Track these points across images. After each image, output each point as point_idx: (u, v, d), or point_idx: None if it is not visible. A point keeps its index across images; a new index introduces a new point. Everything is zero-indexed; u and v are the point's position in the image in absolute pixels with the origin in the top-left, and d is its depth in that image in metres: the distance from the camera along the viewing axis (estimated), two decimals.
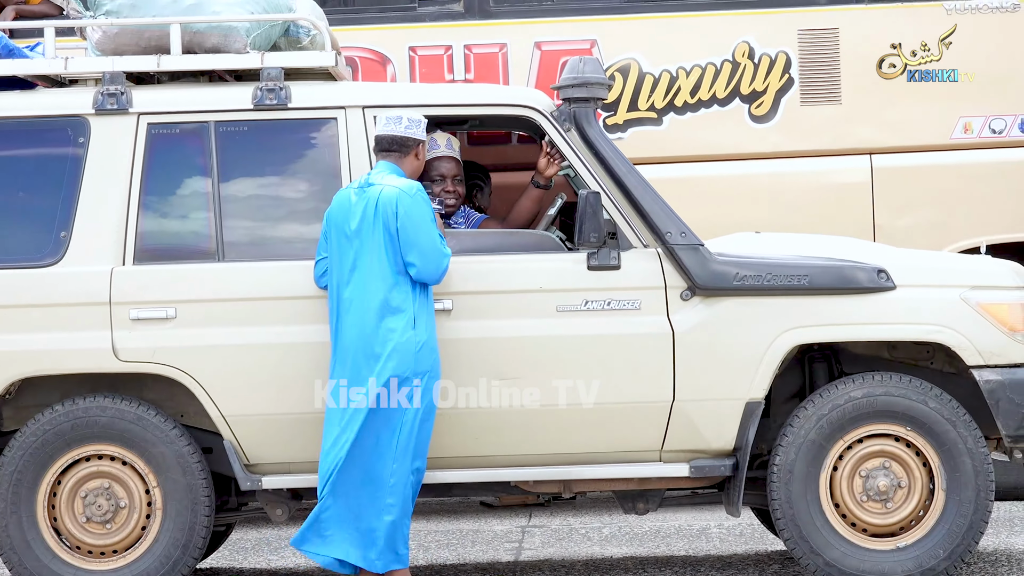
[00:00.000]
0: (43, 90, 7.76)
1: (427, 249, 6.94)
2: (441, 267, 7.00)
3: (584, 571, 7.99)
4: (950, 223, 9.34)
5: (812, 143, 9.54)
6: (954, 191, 9.48)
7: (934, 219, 9.34)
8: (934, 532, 7.23)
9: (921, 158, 9.54)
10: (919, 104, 9.52)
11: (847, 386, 7.28)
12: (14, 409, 7.42)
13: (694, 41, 9.52)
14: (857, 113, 9.52)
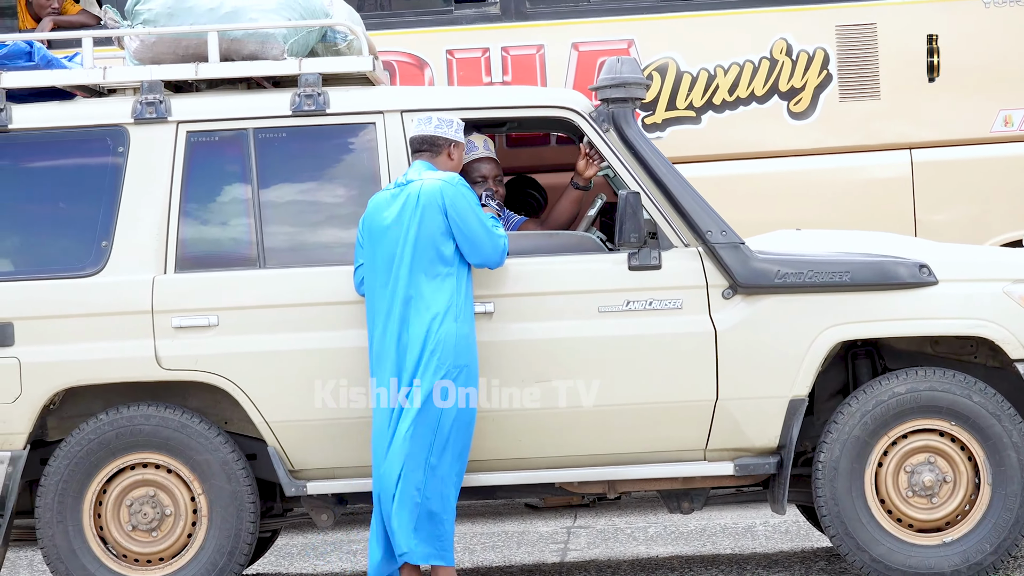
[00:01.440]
0: (82, 100, 7.78)
1: (481, 234, 6.99)
2: (499, 248, 7.06)
3: (630, 571, 8.01)
4: (991, 217, 9.34)
5: (851, 139, 9.54)
6: (995, 185, 9.47)
7: (975, 213, 9.34)
8: (980, 527, 7.23)
9: (961, 152, 9.52)
10: (958, 98, 9.51)
11: (891, 382, 7.28)
12: (58, 419, 7.46)
13: (731, 39, 9.53)
14: (896, 108, 9.52)
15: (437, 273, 6.95)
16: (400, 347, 6.94)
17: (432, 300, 6.94)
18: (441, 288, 6.95)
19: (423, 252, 6.94)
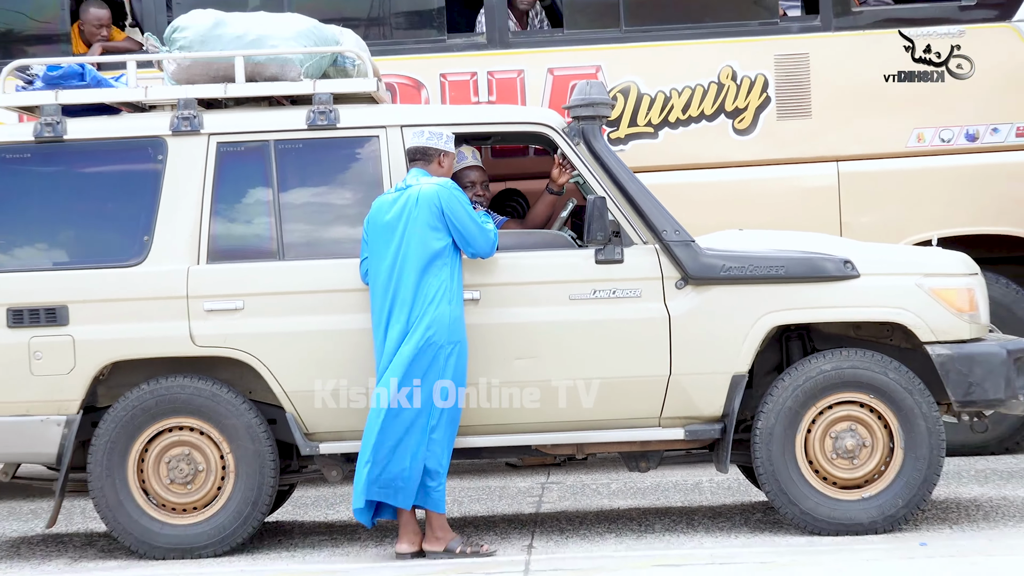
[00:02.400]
0: (127, 115, 7.82)
1: (475, 230, 7.04)
2: (490, 240, 7.12)
3: (595, 521, 8.02)
4: (906, 220, 9.33)
5: (787, 153, 9.53)
6: (909, 192, 9.47)
7: (892, 216, 9.33)
8: (894, 484, 7.29)
9: (880, 164, 9.53)
10: (879, 118, 9.51)
11: (818, 361, 7.34)
12: (107, 388, 7.46)
13: (685, 66, 9.50)
14: (825, 126, 9.51)
15: (432, 263, 6.97)
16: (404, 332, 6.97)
17: (431, 285, 6.98)
18: (437, 276, 6.98)
19: (421, 246, 6.95)
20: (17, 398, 7.39)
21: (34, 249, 7.65)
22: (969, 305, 7.42)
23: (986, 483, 8.60)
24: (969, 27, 9.49)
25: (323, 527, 8.24)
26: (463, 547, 7.15)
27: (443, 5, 9.68)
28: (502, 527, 7.95)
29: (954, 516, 7.74)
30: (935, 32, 9.51)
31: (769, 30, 9.61)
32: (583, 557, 7.16)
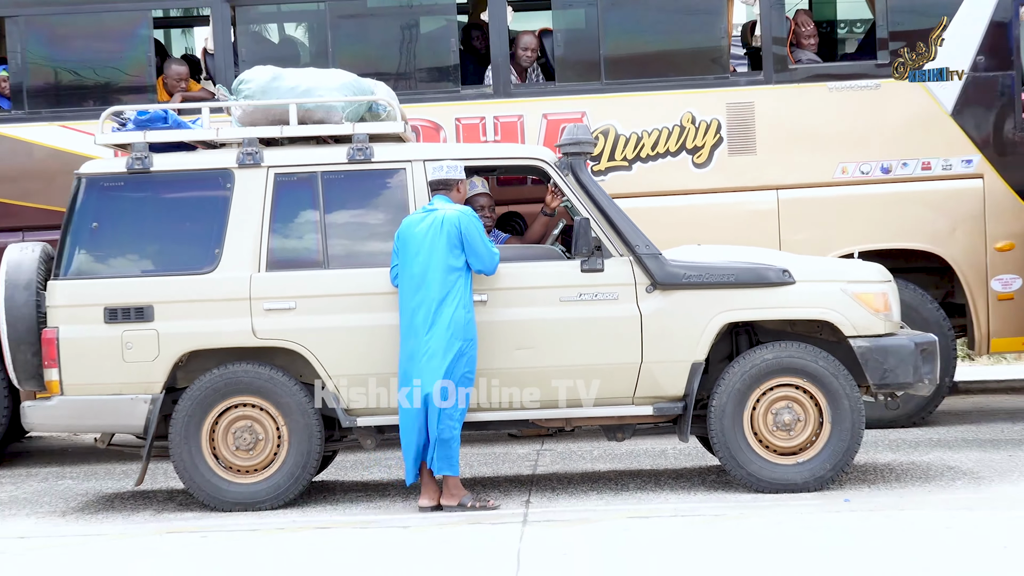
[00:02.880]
0: (201, 151, 7.84)
1: (484, 251, 7.07)
2: (495, 262, 7.13)
3: (581, 480, 8.05)
4: (833, 237, 9.31)
5: (736, 182, 9.50)
6: (835, 214, 9.45)
7: (821, 234, 9.31)
8: (823, 451, 7.33)
9: (812, 192, 9.50)
10: (811, 154, 9.48)
11: (762, 351, 7.38)
12: (184, 372, 7.48)
13: (653, 112, 9.47)
14: (767, 161, 9.48)
15: (450, 274, 6.99)
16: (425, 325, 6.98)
17: (450, 293, 7.00)
18: (454, 285, 7.01)
19: (442, 259, 6.98)
20: (112, 380, 7.39)
21: (126, 260, 7.64)
22: (884, 306, 7.45)
23: (898, 451, 8.62)
24: (883, 81, 9.50)
25: (360, 485, 8.25)
26: (473, 502, 7.17)
27: (458, 62, 9.68)
28: (505, 486, 7.97)
29: (872, 477, 7.78)
30: (856, 85, 9.53)
31: (722, 83, 9.58)
32: (571, 510, 7.18)
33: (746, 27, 10.09)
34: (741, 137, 9.51)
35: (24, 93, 9.55)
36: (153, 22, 9.91)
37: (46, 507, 7.99)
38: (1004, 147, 9.52)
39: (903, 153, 9.51)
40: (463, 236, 7.02)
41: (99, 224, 7.58)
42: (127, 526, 7.32)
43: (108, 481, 8.77)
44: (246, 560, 6.38)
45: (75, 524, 7.45)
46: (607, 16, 9.58)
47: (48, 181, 9.12)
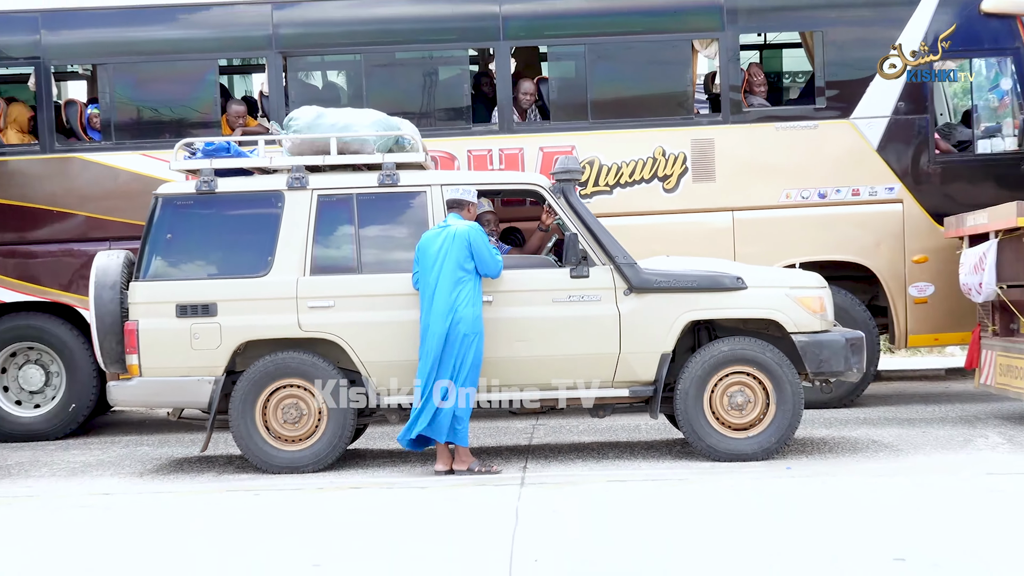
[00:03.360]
0: (257, 176, 7.82)
1: (489, 259, 7.07)
2: (499, 268, 7.13)
3: (569, 450, 8.05)
4: (778, 251, 9.27)
5: (699, 205, 9.45)
6: (780, 232, 9.41)
7: (769, 248, 9.27)
8: (769, 428, 7.33)
9: (762, 213, 9.46)
10: (760, 182, 9.45)
11: (719, 344, 7.37)
12: (242, 358, 7.47)
13: (631, 146, 9.43)
14: (725, 187, 9.43)
15: (461, 278, 6.98)
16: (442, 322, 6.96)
17: (461, 295, 6.98)
18: (464, 288, 7.00)
19: (454, 267, 6.98)
20: (182, 365, 7.40)
21: (194, 265, 7.64)
22: (820, 308, 7.45)
23: (831, 427, 8.62)
24: (820, 122, 9.50)
25: (386, 453, 8.25)
26: (480, 467, 7.17)
27: (469, 104, 9.66)
28: (506, 454, 7.96)
29: (809, 449, 7.78)
30: (798, 125, 9.52)
31: (687, 123, 9.56)
32: (560, 474, 7.19)
33: (707, 77, 10.07)
34: (703, 167, 9.48)
35: (111, 127, 9.56)
36: (218, 69, 9.91)
37: (127, 469, 7.99)
38: (920, 177, 9.51)
39: (837, 181, 9.49)
40: (472, 247, 7.01)
41: (172, 235, 7.60)
42: (193, 485, 7.33)
43: (178, 448, 8.77)
44: (292, 513, 6.39)
45: (150, 483, 7.46)
46: (592, 67, 9.57)
47: (130, 200, 9.11)
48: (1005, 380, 8.23)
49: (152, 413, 10.09)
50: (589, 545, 5.43)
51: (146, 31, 9.68)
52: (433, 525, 5.99)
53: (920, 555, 5.05)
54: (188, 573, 5.21)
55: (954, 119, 10.17)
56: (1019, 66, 9.49)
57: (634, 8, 9.64)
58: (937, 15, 9.44)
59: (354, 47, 9.79)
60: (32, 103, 9.72)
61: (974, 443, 7.86)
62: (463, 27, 9.73)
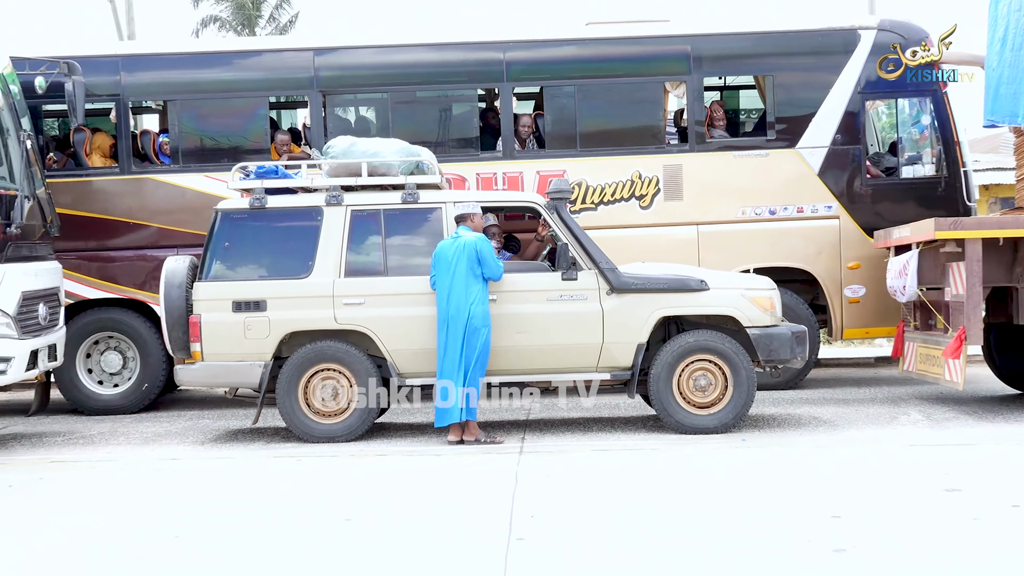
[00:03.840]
0: (301, 194, 7.81)
1: (493, 265, 7.05)
2: (500, 272, 7.11)
3: (560, 424, 8.02)
4: (735, 258, 9.23)
5: (669, 220, 9.41)
6: (738, 242, 9.39)
7: (727, 256, 9.22)
8: (727, 406, 7.33)
9: (722, 227, 9.42)
10: (721, 201, 9.42)
11: (686, 336, 7.36)
12: (287, 346, 7.46)
13: (612, 170, 9.41)
14: (691, 206, 9.40)
15: (471, 281, 6.99)
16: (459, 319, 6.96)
17: (473, 296, 6.99)
18: (474, 289, 7.00)
19: (465, 272, 6.99)
20: (237, 351, 7.40)
21: (247, 268, 7.61)
22: (770, 306, 7.45)
23: (778, 406, 8.61)
24: (771, 151, 9.50)
25: (407, 426, 8.23)
26: (486, 438, 7.18)
27: (478, 134, 9.66)
28: (507, 427, 7.93)
29: (761, 424, 7.76)
30: (752, 153, 9.51)
31: (660, 150, 9.54)
32: (553, 445, 7.19)
33: (677, 113, 10.07)
34: (673, 188, 9.46)
35: (179, 152, 9.56)
36: (268, 104, 9.89)
37: (190, 438, 7.99)
38: (854, 197, 9.50)
39: (784, 200, 9.48)
40: (480, 255, 7.01)
41: (229, 243, 7.59)
42: (246, 452, 7.33)
43: (233, 421, 8.76)
44: (329, 475, 6.40)
45: (211, 450, 7.46)
46: (581, 104, 9.55)
47: (195, 213, 9.11)
48: (924, 367, 8.23)
49: (211, 392, 10.08)
50: (577, 504, 5.44)
51: (208, 73, 9.70)
52: (446, 487, 6.00)
53: (853, 512, 5.07)
54: (239, 524, 5.22)
55: (882, 149, 10.16)
56: (937, 105, 9.51)
57: (616, 56, 9.62)
58: (869, 62, 9.45)
59: (382, 87, 9.79)
60: (113, 132, 9.71)
61: (898, 420, 7.86)
62: (473, 71, 9.72)
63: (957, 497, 5.35)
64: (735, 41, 9.73)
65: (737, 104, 10.79)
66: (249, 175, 7.74)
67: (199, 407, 9.82)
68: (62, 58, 8.78)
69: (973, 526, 4.79)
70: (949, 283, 7.86)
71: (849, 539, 4.60)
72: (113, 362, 9.43)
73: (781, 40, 9.69)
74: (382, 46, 9.89)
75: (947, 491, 5.47)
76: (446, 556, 4.55)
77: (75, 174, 9.53)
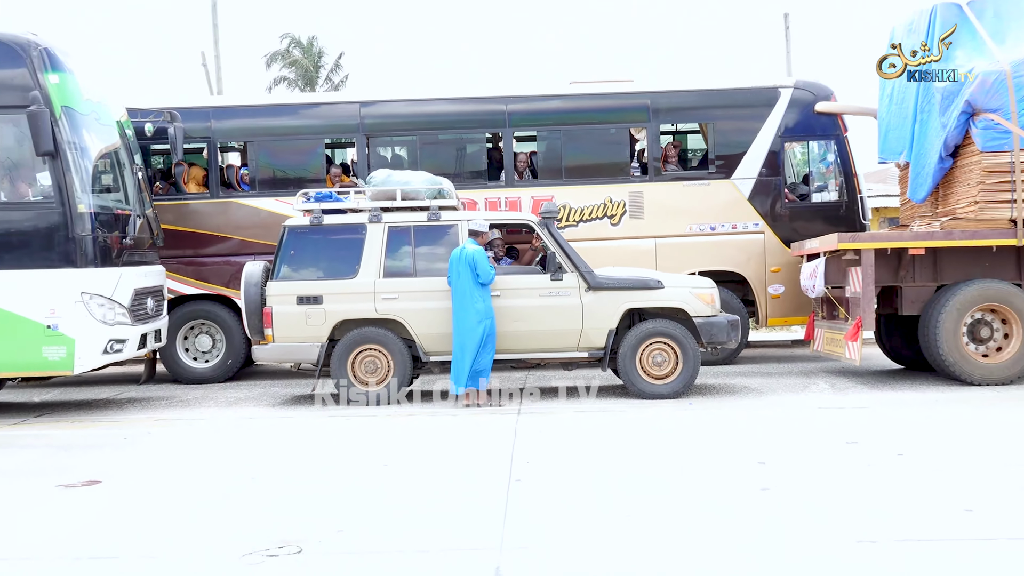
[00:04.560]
0: (350, 213, 7.71)
1: (483, 271, 6.96)
2: (490, 276, 7.01)
3: (548, 391, 7.94)
4: (684, 264, 9.20)
5: (633, 233, 9.36)
6: (686, 251, 9.33)
7: (678, 262, 9.20)
8: (678, 378, 7.28)
9: (674, 239, 9.35)
10: (673, 219, 9.36)
11: (646, 324, 7.30)
12: (338, 331, 7.37)
13: (589, 196, 9.37)
14: (650, 223, 9.35)
15: (474, 281, 6.95)
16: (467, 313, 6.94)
17: (477, 295, 6.96)
18: (475, 289, 6.97)
19: (468, 276, 6.95)
20: (299, 335, 7.37)
21: (308, 271, 7.53)
22: (711, 301, 7.41)
23: (717, 378, 8.58)
24: (712, 181, 9.43)
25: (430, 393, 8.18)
26: (491, 403, 7.16)
27: (486, 167, 9.62)
28: (508, 395, 7.86)
29: (704, 392, 7.72)
30: (697, 183, 9.48)
31: (626, 180, 9.49)
32: (543, 408, 7.13)
33: (639, 151, 10.04)
34: (636, 210, 9.41)
35: (256, 181, 9.53)
36: (324, 144, 9.87)
37: (264, 401, 7.96)
38: (775, 217, 9.45)
39: (722, 219, 9.43)
40: (473, 262, 6.96)
41: (294, 252, 7.53)
42: (306, 412, 7.29)
43: (296, 388, 8.74)
44: (370, 431, 6.36)
45: (279, 411, 7.43)
46: (565, 145, 9.52)
47: (267, 229, 9.12)
48: (830, 347, 8.21)
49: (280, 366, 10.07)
50: (562, 454, 5.42)
51: (278, 120, 9.65)
52: (462, 440, 5.97)
53: (775, 459, 5.05)
54: (301, 469, 5.21)
55: (797, 180, 10.15)
56: (839, 146, 9.47)
57: (592, 108, 9.58)
58: (787, 113, 9.43)
59: (411, 131, 9.74)
60: (204, 166, 9.70)
61: (809, 388, 7.83)
62: (482, 119, 9.67)
63: (855, 448, 5.33)
64: (684, 96, 9.68)
65: (686, 144, 10.77)
66: (310, 199, 7.70)
67: (270, 378, 9.80)
68: (165, 108, 8.84)
69: (867, 470, 4.78)
70: (849, 283, 7.84)
71: (772, 480, 4.59)
72: (204, 343, 9.41)
73: (719, 95, 9.64)
74: (412, 99, 9.84)
75: (848, 443, 5.46)
76: (462, 493, 4.53)
77: (175, 198, 9.50)
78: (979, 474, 4.61)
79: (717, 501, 4.26)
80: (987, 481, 4.47)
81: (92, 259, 7.01)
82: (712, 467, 4.91)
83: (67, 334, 6.91)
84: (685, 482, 4.60)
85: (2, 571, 3.61)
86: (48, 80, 6.90)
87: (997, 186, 7.57)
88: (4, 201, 7.06)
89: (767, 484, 4.51)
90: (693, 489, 4.47)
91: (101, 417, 7.30)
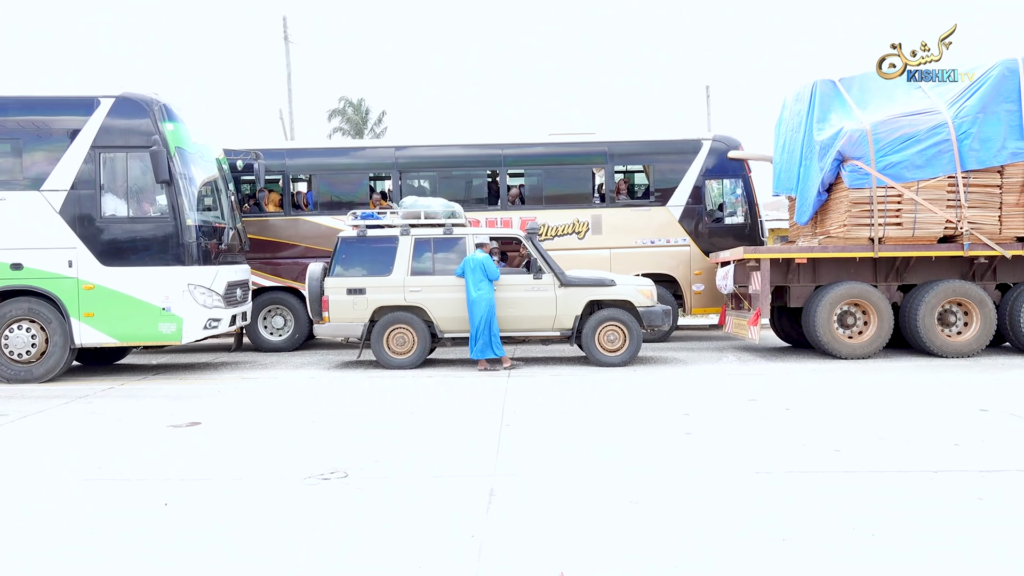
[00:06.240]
0: (386, 228, 7.55)
1: (492, 271, 6.91)
2: (497, 275, 6.94)
3: (532, 360, 7.85)
4: (632, 268, 9.15)
5: (595, 245, 9.29)
6: (633, 259, 9.25)
7: (628, 267, 9.14)
8: (626, 351, 7.18)
9: (625, 250, 9.28)
10: (624, 235, 9.31)
11: (603, 312, 7.21)
12: (377, 314, 7.30)
13: (562, 217, 9.29)
14: (608, 237, 9.28)
15: (481, 279, 6.90)
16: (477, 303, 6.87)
17: (483, 289, 6.89)
18: (482, 285, 6.91)
19: (479, 274, 6.88)
20: (349, 317, 7.27)
21: (355, 270, 7.41)
22: (651, 295, 7.34)
23: (655, 351, 8.50)
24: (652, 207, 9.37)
25: (445, 360, 8.11)
26: (490, 368, 7.05)
27: (487, 195, 9.54)
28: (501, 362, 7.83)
29: (646, 361, 7.65)
30: (642, 209, 9.41)
31: (589, 207, 9.42)
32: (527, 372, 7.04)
33: (599, 185, 9.97)
34: (597, 228, 9.34)
35: (318, 204, 9.44)
36: (369, 177, 9.77)
37: (322, 365, 7.86)
38: (698, 234, 9.39)
39: (659, 235, 9.37)
40: (485, 266, 6.91)
41: (345, 256, 7.44)
42: (354, 374, 7.19)
43: (346, 356, 8.65)
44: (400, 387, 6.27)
45: (333, 372, 7.33)
46: (545, 180, 9.45)
47: (326, 239, 9.07)
48: (737, 330, 8.19)
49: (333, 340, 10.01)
50: (541, 405, 5.38)
51: (334, 159, 9.56)
52: (466, 395, 5.90)
53: (697, 412, 5.03)
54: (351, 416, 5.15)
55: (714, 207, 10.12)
56: (745, 183, 9.44)
57: (565, 152, 9.51)
58: (707, 158, 9.39)
59: (433, 168, 9.64)
60: (280, 192, 9.58)
61: (721, 359, 7.79)
62: (484, 160, 9.57)
63: (756, 404, 5.32)
64: (631, 145, 9.61)
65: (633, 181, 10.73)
66: (357, 217, 7.62)
67: (327, 349, 9.70)
68: (252, 149, 8.78)
69: (764, 420, 4.76)
70: (751, 283, 7.83)
71: (694, 427, 4.58)
72: (278, 322, 9.31)
73: (658, 145, 9.57)
74: (433, 145, 9.72)
75: (750, 400, 5.44)
76: (465, 434, 4.49)
77: (258, 215, 9.38)
78: (846, 423, 4.61)
79: (653, 441, 4.25)
80: (851, 428, 4.47)
81: (196, 259, 6.98)
82: (650, 416, 4.90)
83: (177, 314, 6.88)
84: (630, 427, 4.59)
85: (125, 489, 3.60)
86: (165, 127, 6.87)
87: (860, 214, 7.59)
88: (132, 216, 6.99)
89: (690, 429, 4.51)
90: (636, 432, 4.45)
91: (201, 375, 7.24)
